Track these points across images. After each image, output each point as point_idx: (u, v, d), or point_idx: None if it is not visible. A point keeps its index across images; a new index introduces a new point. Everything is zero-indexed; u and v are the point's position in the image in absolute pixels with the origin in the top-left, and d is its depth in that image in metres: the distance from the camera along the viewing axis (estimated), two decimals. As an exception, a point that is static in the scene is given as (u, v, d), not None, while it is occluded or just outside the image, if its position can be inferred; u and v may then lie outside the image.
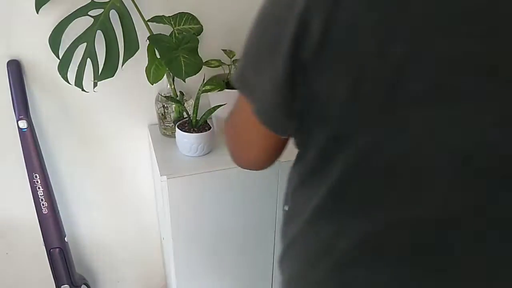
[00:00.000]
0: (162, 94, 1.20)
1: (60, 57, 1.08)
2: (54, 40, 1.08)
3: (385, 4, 0.46)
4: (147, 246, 1.55)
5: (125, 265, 1.56)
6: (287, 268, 0.72)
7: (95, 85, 1.08)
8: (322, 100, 0.53)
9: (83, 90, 1.07)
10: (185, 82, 1.03)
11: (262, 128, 0.59)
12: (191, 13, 1.17)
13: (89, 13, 1.07)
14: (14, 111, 1.14)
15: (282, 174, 1.15)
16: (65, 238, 1.29)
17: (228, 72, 1.21)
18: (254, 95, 0.58)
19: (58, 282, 1.32)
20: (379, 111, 0.50)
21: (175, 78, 1.15)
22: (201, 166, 1.09)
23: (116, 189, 1.40)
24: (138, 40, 1.08)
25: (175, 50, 1.05)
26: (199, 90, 1.10)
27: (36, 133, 1.19)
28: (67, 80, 1.08)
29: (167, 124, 1.23)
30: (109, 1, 1.06)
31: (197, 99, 1.10)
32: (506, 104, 0.47)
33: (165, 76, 1.14)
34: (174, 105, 1.18)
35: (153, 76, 1.12)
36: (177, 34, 1.14)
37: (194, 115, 1.11)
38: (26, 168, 1.19)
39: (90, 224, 1.44)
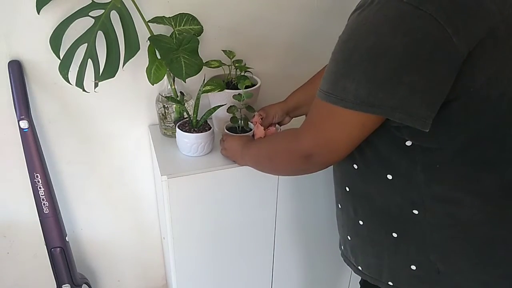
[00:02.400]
0: (163, 95, 1.20)
1: (61, 58, 1.08)
2: (55, 41, 1.08)
3: None
4: (148, 246, 1.55)
5: (126, 264, 1.57)
6: None
7: (96, 85, 1.08)
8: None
9: (84, 90, 1.08)
10: (185, 82, 1.04)
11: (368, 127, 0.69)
12: (192, 13, 1.18)
13: (89, 13, 1.07)
14: (15, 111, 1.14)
15: (282, 174, 1.15)
16: (66, 238, 1.30)
17: (228, 72, 1.22)
18: (390, 107, 0.64)
19: (59, 281, 1.32)
20: None
21: (176, 78, 1.15)
22: (201, 166, 1.10)
23: (116, 188, 1.41)
24: (138, 41, 1.08)
25: (176, 50, 1.05)
26: (200, 90, 1.11)
27: (37, 133, 1.19)
28: (68, 81, 1.09)
29: (167, 124, 1.23)
30: (109, 2, 1.06)
31: (198, 99, 1.10)
32: None
33: (165, 76, 1.14)
34: (174, 106, 1.19)
35: (153, 76, 1.12)
36: (177, 35, 1.15)
37: (195, 115, 1.12)
38: (27, 168, 1.19)
39: (91, 224, 1.44)
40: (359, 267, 0.91)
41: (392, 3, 0.60)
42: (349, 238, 0.91)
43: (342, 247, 0.96)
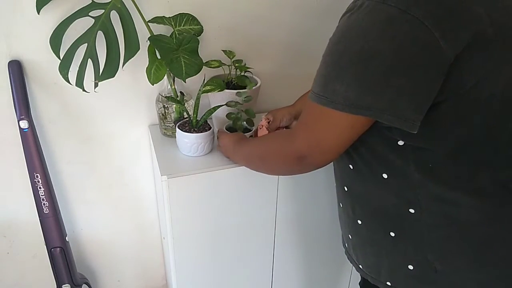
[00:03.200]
0: (163, 95, 1.21)
1: (61, 58, 1.08)
2: (55, 41, 1.08)
3: None
4: (148, 246, 1.55)
5: (126, 264, 1.57)
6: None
7: (96, 85, 1.08)
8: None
9: (84, 90, 1.08)
10: (185, 82, 1.04)
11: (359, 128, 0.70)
12: (192, 13, 1.18)
13: (89, 13, 1.07)
14: (15, 111, 1.14)
15: (282, 174, 1.15)
16: (66, 238, 1.30)
17: (228, 72, 1.22)
18: (379, 109, 0.64)
19: (59, 281, 1.32)
20: None
21: (176, 78, 1.15)
22: (201, 166, 1.10)
23: (116, 188, 1.41)
24: (138, 41, 1.08)
25: (176, 50, 1.05)
26: (200, 90, 1.11)
27: (37, 133, 1.19)
28: (68, 81, 1.09)
29: (167, 124, 1.23)
30: (109, 2, 1.06)
31: (198, 99, 1.10)
32: None
33: (165, 76, 1.14)
34: (174, 105, 1.19)
35: (153, 76, 1.12)
36: (177, 35, 1.15)
37: (195, 115, 1.12)
38: (27, 168, 1.19)
39: (90, 224, 1.44)
40: (360, 266, 0.92)
41: (380, 7, 0.61)
42: (350, 237, 0.91)
43: (346, 245, 0.97)
